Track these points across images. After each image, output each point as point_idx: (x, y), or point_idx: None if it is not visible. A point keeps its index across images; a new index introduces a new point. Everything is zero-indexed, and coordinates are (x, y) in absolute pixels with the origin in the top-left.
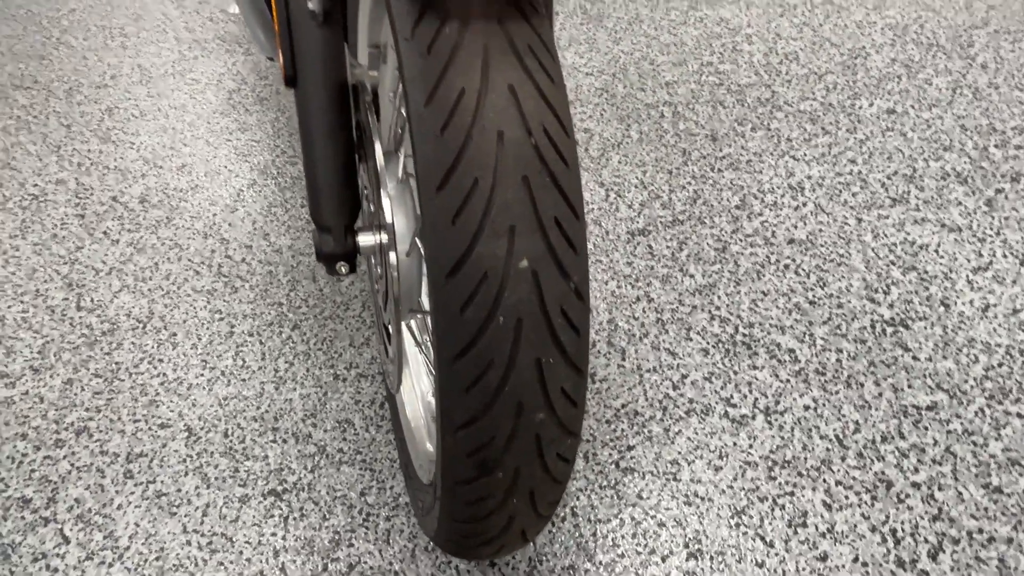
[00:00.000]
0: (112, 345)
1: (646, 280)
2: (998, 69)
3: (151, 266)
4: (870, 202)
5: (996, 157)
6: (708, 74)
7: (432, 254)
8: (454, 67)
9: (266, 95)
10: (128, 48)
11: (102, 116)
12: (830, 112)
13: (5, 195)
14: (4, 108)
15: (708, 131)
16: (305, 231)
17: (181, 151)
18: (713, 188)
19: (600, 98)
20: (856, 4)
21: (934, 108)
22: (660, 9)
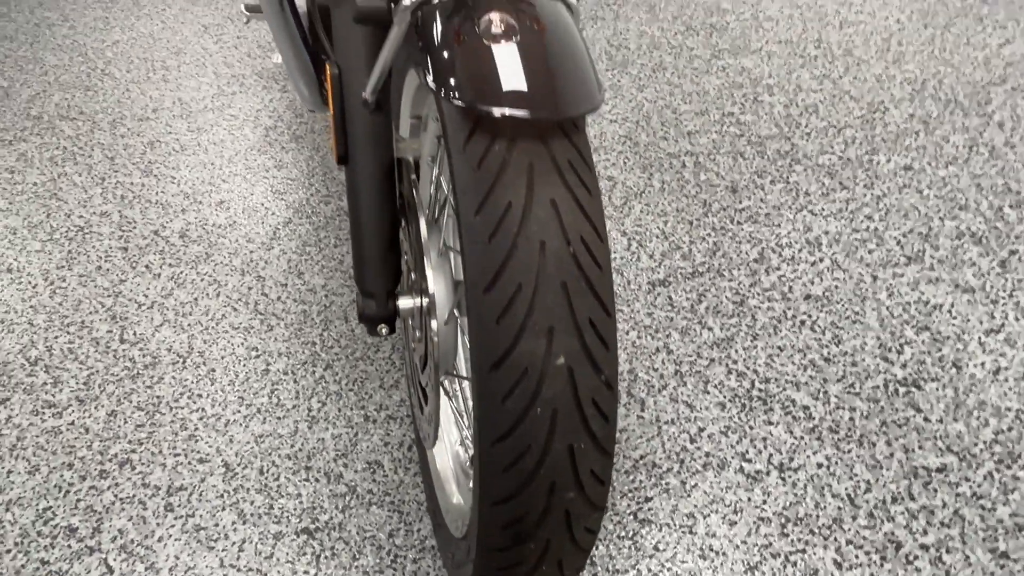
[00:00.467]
0: (154, 379)
1: (666, 331)
2: (1015, 128)
3: (191, 301)
4: (886, 260)
5: (1011, 218)
6: (729, 124)
7: (477, 348)
8: (502, 183)
9: (301, 133)
10: (169, 81)
11: (144, 149)
12: (848, 167)
13: (52, 225)
14: (51, 138)
15: (728, 182)
16: (337, 270)
17: (220, 187)
18: (732, 240)
19: (624, 145)
20: (876, 57)
21: (951, 166)
22: (683, 57)
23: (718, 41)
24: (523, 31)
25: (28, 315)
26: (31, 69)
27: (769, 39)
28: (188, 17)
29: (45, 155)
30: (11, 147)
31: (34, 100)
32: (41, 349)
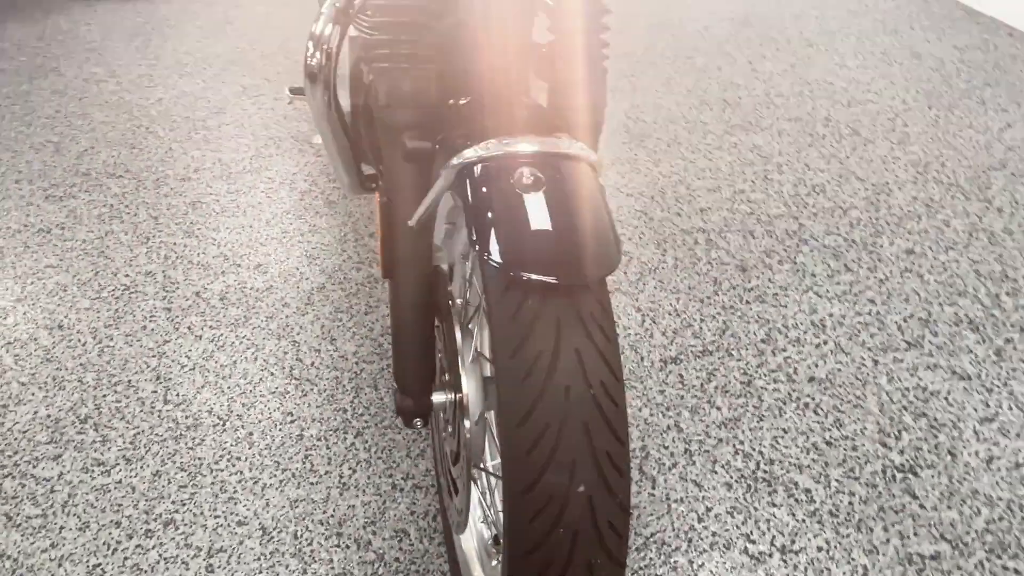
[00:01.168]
0: (195, 440)
1: (676, 410)
2: (1013, 214)
3: (230, 364)
4: (886, 344)
5: (1007, 306)
6: (740, 202)
7: (509, 475)
8: (534, 334)
9: (334, 198)
10: (210, 142)
11: (187, 209)
12: (853, 249)
13: (100, 283)
14: (99, 195)
15: (738, 261)
16: (367, 338)
17: (258, 250)
18: (741, 320)
19: (639, 220)
20: (882, 137)
21: (951, 251)
22: (698, 132)
23: (731, 116)
24: (550, 193)
25: (78, 373)
26: (80, 125)
27: (780, 116)
28: (228, 77)
29: (93, 212)
30: (61, 203)
31: (83, 156)
32: (91, 407)
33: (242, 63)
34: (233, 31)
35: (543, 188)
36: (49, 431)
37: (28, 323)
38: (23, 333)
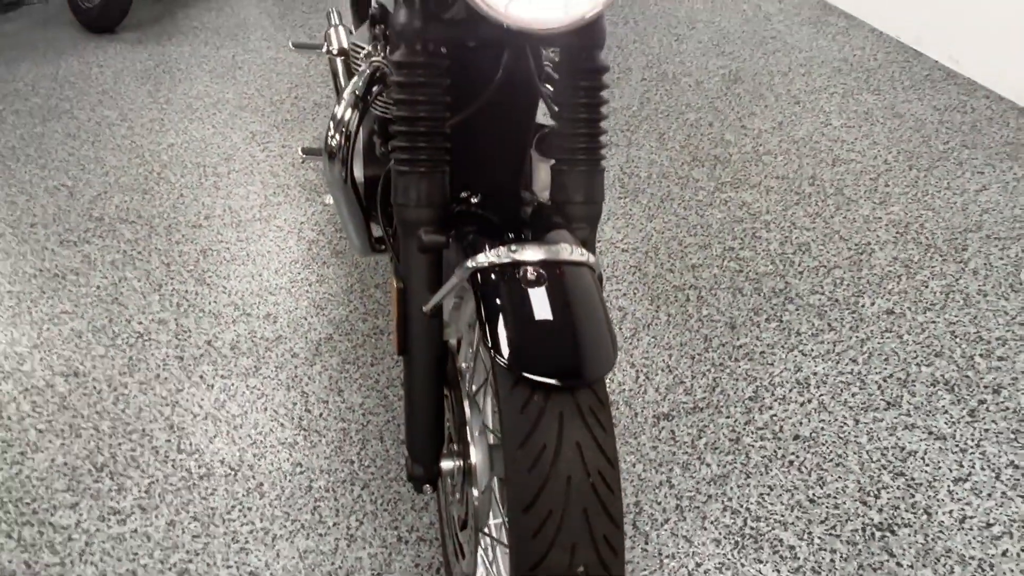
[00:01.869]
0: (208, 490)
1: (668, 466)
2: (987, 276)
3: (241, 414)
4: (867, 404)
5: (981, 367)
6: (729, 259)
7: (515, 554)
8: (539, 428)
9: (341, 249)
10: (220, 189)
11: (198, 257)
12: (836, 308)
13: (115, 331)
14: (112, 241)
15: (728, 319)
16: (373, 389)
17: (267, 299)
18: (730, 378)
19: (634, 276)
20: (864, 197)
21: (928, 312)
22: (689, 188)
23: (721, 173)
24: (554, 300)
25: (94, 420)
26: (93, 169)
27: (768, 173)
28: (237, 123)
29: (107, 258)
30: (76, 248)
31: (96, 201)
32: (106, 455)
33: (251, 109)
34: (242, 76)
35: (548, 295)
36: (66, 479)
37: (45, 369)
38: (40, 380)
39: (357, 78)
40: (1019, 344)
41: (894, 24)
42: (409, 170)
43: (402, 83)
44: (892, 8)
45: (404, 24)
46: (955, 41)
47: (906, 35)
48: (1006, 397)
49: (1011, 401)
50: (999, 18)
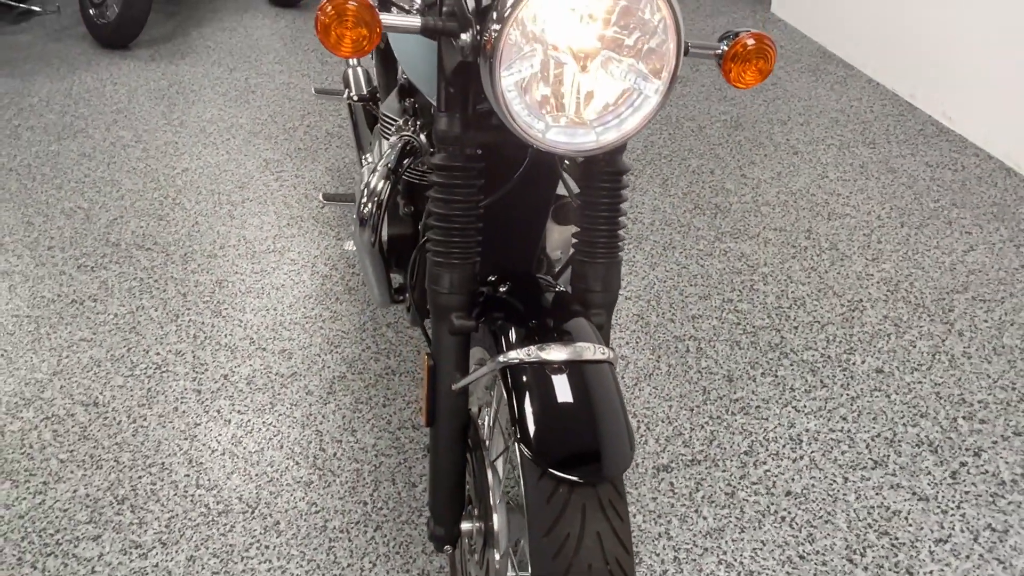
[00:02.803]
0: (226, 527)
1: (667, 518)
2: (972, 338)
3: (258, 451)
4: (855, 462)
5: (963, 429)
6: (728, 311)
7: None
8: (564, 518)
9: (353, 285)
10: (235, 218)
11: (213, 288)
12: (828, 365)
13: (133, 360)
14: (129, 268)
15: (725, 371)
16: (385, 431)
17: (282, 334)
18: (727, 431)
19: (636, 324)
20: (857, 253)
21: (916, 372)
22: (691, 236)
23: (721, 223)
24: (577, 400)
25: (114, 452)
26: (109, 192)
27: (766, 225)
28: (251, 149)
29: (124, 285)
30: (93, 274)
31: (113, 225)
32: (127, 488)
33: (264, 136)
34: (256, 100)
35: (572, 395)
36: (88, 511)
37: (65, 398)
38: (60, 408)
39: (390, 151)
40: (1000, 408)
41: (890, 77)
42: (444, 261)
43: (441, 184)
44: (889, 61)
45: (445, 131)
46: (948, 98)
47: (901, 88)
48: (986, 460)
49: (990, 464)
50: (991, 78)
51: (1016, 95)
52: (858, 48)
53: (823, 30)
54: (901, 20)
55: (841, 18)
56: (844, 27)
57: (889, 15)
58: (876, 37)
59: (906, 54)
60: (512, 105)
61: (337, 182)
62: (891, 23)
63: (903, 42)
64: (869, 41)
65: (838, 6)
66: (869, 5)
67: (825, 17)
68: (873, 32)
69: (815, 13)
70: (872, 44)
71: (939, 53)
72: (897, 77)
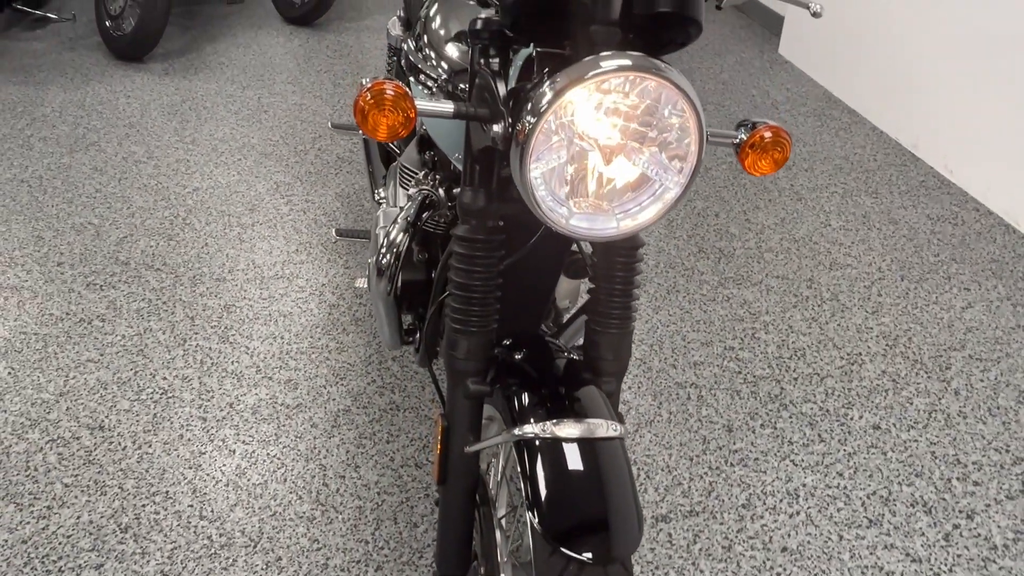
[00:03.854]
0: (229, 560)
1: (664, 570)
2: (968, 397)
3: (261, 483)
4: (851, 520)
5: (957, 491)
6: (729, 359)
7: None
8: None
9: (360, 316)
10: (244, 241)
11: (221, 313)
12: (826, 419)
13: (140, 384)
14: (138, 288)
15: (725, 421)
16: (388, 468)
17: (288, 363)
18: (725, 483)
19: (639, 369)
20: (858, 305)
21: (912, 430)
22: (694, 281)
23: (725, 268)
24: (589, 479)
25: (119, 479)
26: (120, 208)
27: (768, 272)
28: (262, 171)
29: (132, 306)
30: (101, 292)
31: (122, 243)
32: (131, 516)
33: (276, 157)
34: (268, 120)
35: (584, 473)
36: (92, 538)
37: (71, 420)
38: (66, 431)
39: (410, 204)
40: (993, 470)
41: (894, 126)
42: (462, 328)
43: (462, 255)
44: (892, 110)
45: (469, 204)
46: (950, 151)
47: (904, 138)
48: (978, 523)
49: (983, 528)
50: (992, 133)
51: (1016, 151)
52: (862, 95)
53: (829, 75)
54: (905, 70)
55: (847, 64)
56: (849, 73)
57: (893, 64)
58: (880, 85)
59: (909, 104)
60: (538, 192)
61: (347, 210)
62: (895, 72)
63: (907, 92)
64: (873, 89)
65: (844, 52)
66: (874, 53)
67: (831, 62)
68: (877, 80)
69: (822, 57)
70: (876, 92)
71: (941, 105)
72: (900, 126)
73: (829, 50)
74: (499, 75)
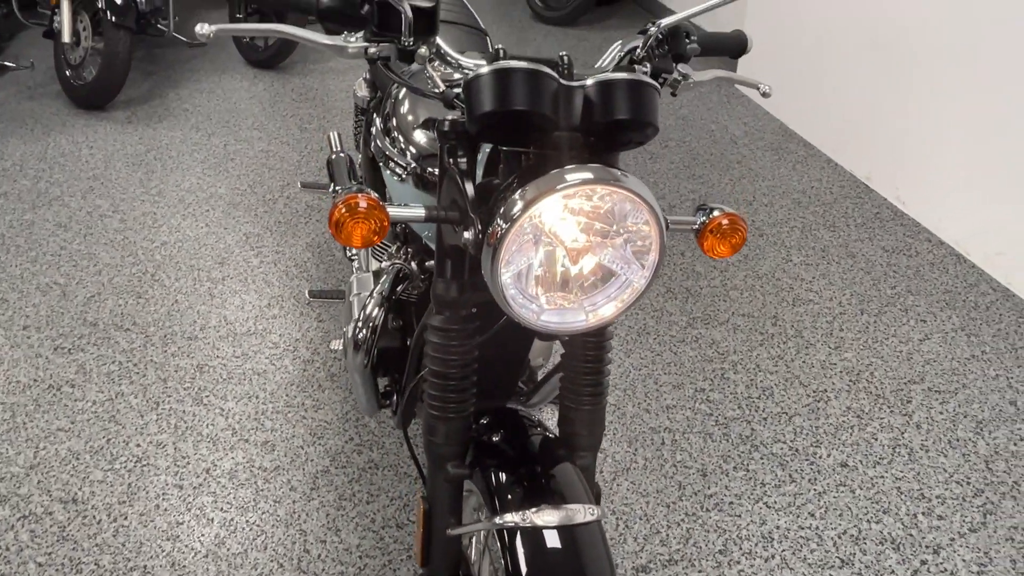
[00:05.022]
0: None
1: None
2: (929, 431)
3: (241, 552)
4: (824, 561)
5: (923, 526)
6: (701, 401)
7: None
8: None
9: (335, 372)
10: (215, 296)
11: (194, 373)
12: (796, 458)
13: (113, 453)
14: (107, 350)
15: (699, 465)
16: (369, 529)
17: (264, 424)
18: (702, 529)
19: (614, 415)
20: (821, 341)
21: (878, 466)
22: (664, 321)
23: (692, 308)
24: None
25: (95, 554)
26: (86, 266)
27: (735, 310)
28: (231, 222)
29: (103, 369)
30: (70, 356)
31: (90, 303)
32: None
33: (244, 207)
34: (235, 169)
35: (563, 560)
36: None
37: (43, 494)
38: (38, 506)
39: (385, 280)
40: (955, 503)
41: (848, 158)
42: (440, 415)
43: (438, 344)
44: (846, 143)
45: (442, 295)
46: (902, 182)
47: (859, 171)
48: (944, 558)
49: (948, 562)
50: (941, 165)
51: (964, 182)
52: (817, 128)
53: (784, 108)
54: (857, 103)
55: (802, 98)
56: (804, 107)
57: (846, 97)
58: (833, 117)
59: (861, 136)
60: (508, 292)
61: (318, 261)
62: (848, 106)
63: (859, 124)
64: (827, 121)
65: (799, 86)
66: (827, 87)
67: (786, 95)
68: (830, 112)
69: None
70: (830, 124)
71: (893, 136)
72: (854, 159)
73: (785, 84)
74: (467, 175)
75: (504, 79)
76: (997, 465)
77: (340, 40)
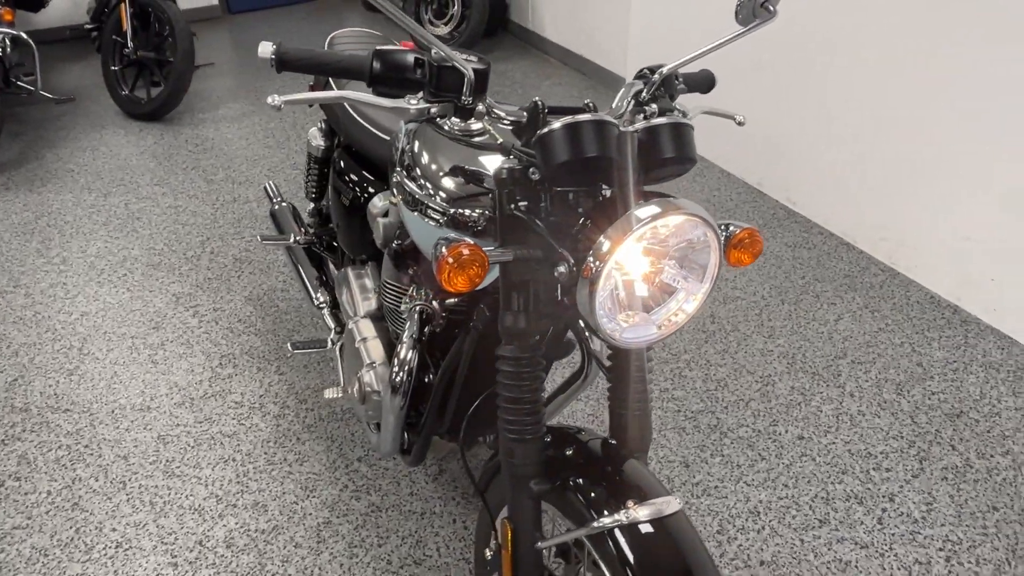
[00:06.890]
0: None
1: None
2: (862, 397)
3: None
4: (805, 524)
5: (876, 479)
6: (667, 400)
7: None
8: None
9: (311, 421)
10: (158, 363)
11: (157, 445)
12: (760, 438)
13: (87, 543)
14: (49, 435)
15: (681, 458)
16: (387, 571)
17: (249, 486)
18: (697, 514)
19: (595, 424)
20: (756, 332)
21: (828, 434)
22: None
23: None
24: (671, 557)
25: None
26: None
27: None
28: (155, 284)
29: (48, 456)
30: (6, 448)
31: (13, 388)
32: None
33: (166, 267)
34: (144, 228)
35: (668, 553)
36: None
37: None
38: None
39: (410, 323)
40: (896, 456)
41: (740, 167)
42: (518, 438)
43: (511, 372)
44: (737, 154)
45: (511, 327)
46: (790, 185)
47: (751, 178)
48: (899, 503)
49: (903, 506)
50: (823, 169)
51: (846, 181)
52: (709, 141)
53: None
54: (743, 113)
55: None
56: (696, 125)
57: (730, 109)
58: (724, 132)
59: (750, 147)
60: (600, 316)
61: (263, 313)
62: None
63: (748, 136)
64: (717, 134)
65: (688, 101)
66: (717, 103)
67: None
68: (721, 129)
69: None
70: (720, 137)
71: (779, 145)
72: (745, 168)
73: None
74: (535, 215)
75: (575, 131)
76: (920, 418)
77: (403, 102)
